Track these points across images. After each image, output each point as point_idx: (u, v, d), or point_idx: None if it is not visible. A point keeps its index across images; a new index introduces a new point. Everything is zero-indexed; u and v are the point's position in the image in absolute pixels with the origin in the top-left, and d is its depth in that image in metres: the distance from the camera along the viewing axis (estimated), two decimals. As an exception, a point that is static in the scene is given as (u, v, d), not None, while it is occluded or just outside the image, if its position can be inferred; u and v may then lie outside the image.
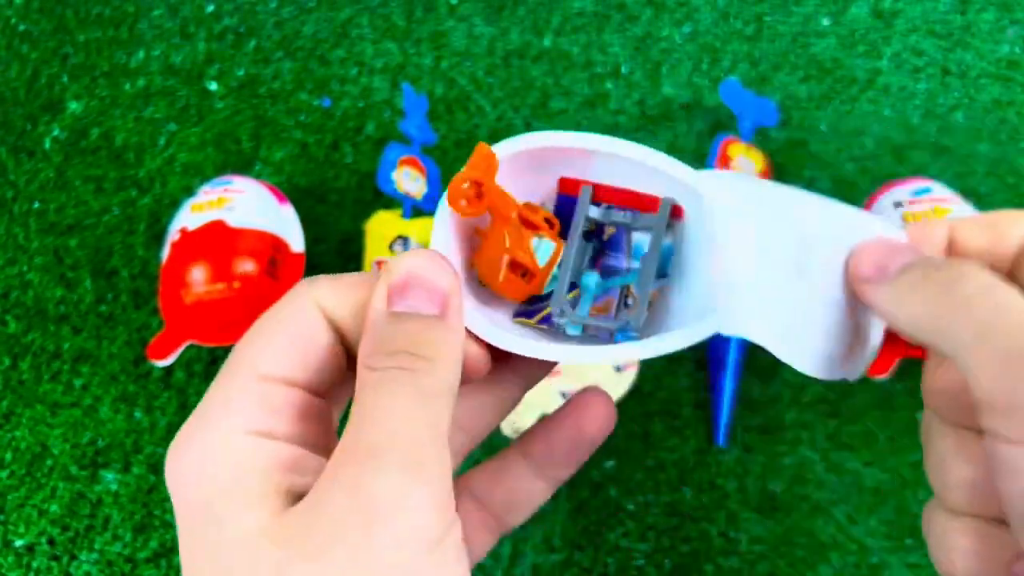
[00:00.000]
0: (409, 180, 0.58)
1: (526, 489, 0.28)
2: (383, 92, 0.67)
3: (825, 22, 0.67)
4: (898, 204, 0.52)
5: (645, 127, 0.63)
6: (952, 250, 0.24)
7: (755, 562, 0.49)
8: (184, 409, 0.56)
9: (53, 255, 0.62)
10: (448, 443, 0.21)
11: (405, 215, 0.57)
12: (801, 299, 0.25)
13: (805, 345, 0.25)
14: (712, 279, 0.27)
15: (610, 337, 0.28)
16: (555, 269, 0.28)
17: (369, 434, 0.20)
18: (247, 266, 0.52)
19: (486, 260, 0.27)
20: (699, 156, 0.62)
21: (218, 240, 0.53)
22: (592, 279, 0.29)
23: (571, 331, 0.28)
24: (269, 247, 0.54)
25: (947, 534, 0.23)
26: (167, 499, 0.53)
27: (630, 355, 0.27)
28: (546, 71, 0.66)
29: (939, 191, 0.52)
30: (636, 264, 0.29)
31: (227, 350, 0.57)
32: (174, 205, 0.62)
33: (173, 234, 0.55)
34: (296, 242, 0.56)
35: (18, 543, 0.53)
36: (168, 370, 0.57)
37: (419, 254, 0.23)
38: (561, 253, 0.28)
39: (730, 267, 0.27)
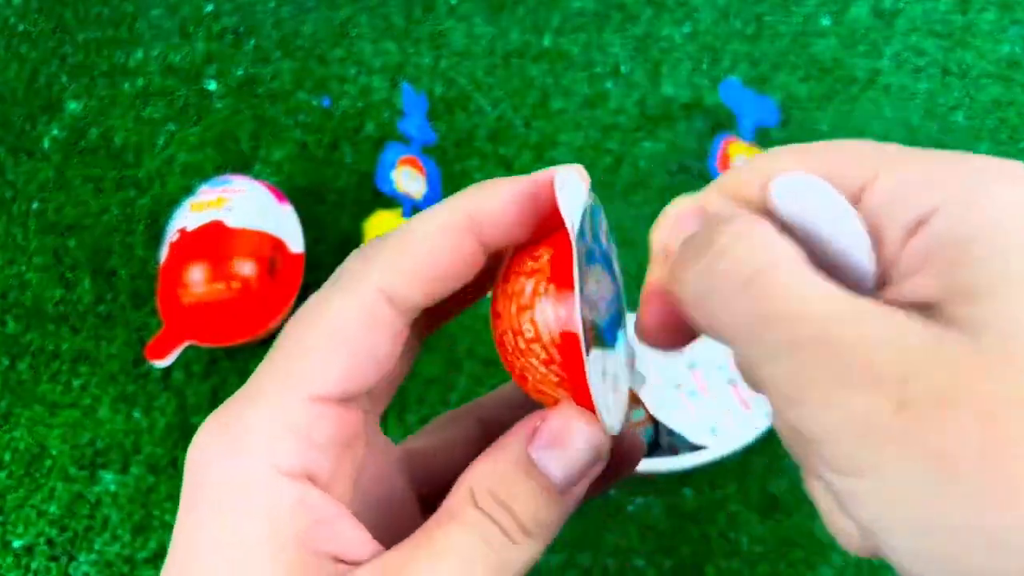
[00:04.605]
0: (408, 180, 0.57)
1: None
2: (382, 92, 0.66)
3: (825, 22, 0.67)
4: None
5: (645, 127, 0.63)
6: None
7: (756, 563, 0.48)
8: (183, 410, 0.55)
9: (52, 255, 0.62)
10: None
11: (405, 215, 0.57)
12: None
13: None
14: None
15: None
16: None
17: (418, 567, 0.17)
18: (246, 266, 0.52)
19: None
20: (699, 156, 0.62)
21: (217, 240, 0.52)
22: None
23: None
24: (268, 247, 0.54)
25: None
26: (167, 500, 0.53)
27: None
28: (546, 71, 0.66)
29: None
30: None
31: (226, 351, 0.57)
32: (173, 205, 0.62)
33: (172, 234, 0.55)
34: (295, 242, 0.56)
35: (17, 544, 0.52)
36: (167, 371, 0.57)
37: (581, 414, 0.19)
38: None
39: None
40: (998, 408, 0.13)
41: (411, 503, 0.23)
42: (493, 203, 0.19)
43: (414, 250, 0.19)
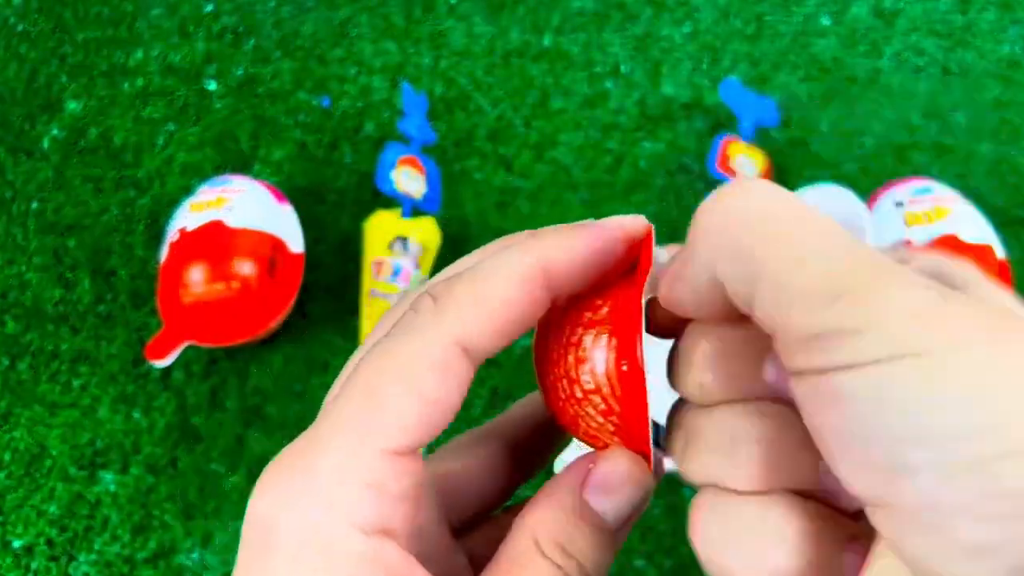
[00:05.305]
0: (408, 180, 0.57)
1: None
2: (382, 92, 0.66)
3: (826, 21, 0.67)
4: (899, 204, 0.52)
5: (645, 127, 0.63)
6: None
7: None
8: (183, 410, 0.55)
9: (52, 255, 0.62)
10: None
11: (404, 214, 0.57)
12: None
13: None
14: None
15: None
16: None
17: None
18: (246, 266, 0.52)
19: None
20: (699, 156, 0.62)
21: (217, 240, 0.52)
22: None
23: None
24: (268, 247, 0.54)
25: (760, 524, 0.18)
26: (166, 500, 0.53)
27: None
28: (546, 70, 0.66)
29: (940, 191, 0.52)
30: None
31: (226, 351, 0.57)
32: (173, 205, 0.62)
33: (172, 234, 0.55)
34: (295, 242, 0.56)
35: (16, 544, 0.52)
36: (167, 371, 0.57)
37: (631, 459, 0.20)
38: None
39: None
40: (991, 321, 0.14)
41: (444, 528, 0.23)
42: (565, 255, 0.19)
43: (489, 300, 0.18)
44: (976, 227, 0.50)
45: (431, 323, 0.18)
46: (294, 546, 0.17)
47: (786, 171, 0.61)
